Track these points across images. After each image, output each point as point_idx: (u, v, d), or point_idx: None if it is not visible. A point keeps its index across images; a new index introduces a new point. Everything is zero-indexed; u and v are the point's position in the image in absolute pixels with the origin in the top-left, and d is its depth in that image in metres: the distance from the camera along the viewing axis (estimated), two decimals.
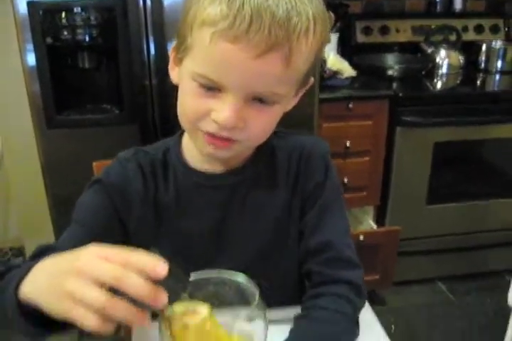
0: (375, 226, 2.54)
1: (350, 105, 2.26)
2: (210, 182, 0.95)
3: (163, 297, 0.57)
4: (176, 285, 0.59)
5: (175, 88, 0.88)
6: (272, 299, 0.66)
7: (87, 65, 2.00)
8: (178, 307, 0.61)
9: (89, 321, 0.57)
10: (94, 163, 1.31)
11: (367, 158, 2.40)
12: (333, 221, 0.97)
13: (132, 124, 2.00)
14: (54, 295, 0.61)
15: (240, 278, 0.66)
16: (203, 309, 0.61)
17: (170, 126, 1.82)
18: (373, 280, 1.91)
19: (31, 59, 1.86)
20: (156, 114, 2.01)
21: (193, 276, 0.63)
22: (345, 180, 2.34)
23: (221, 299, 0.65)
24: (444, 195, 2.54)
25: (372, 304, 1.01)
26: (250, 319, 0.62)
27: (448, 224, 2.56)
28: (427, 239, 2.55)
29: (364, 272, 0.97)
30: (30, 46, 1.84)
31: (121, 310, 0.57)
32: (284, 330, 0.87)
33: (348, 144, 2.31)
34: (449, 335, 0.95)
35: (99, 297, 0.57)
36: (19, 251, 2.69)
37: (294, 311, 0.93)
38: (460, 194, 2.56)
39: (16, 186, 2.50)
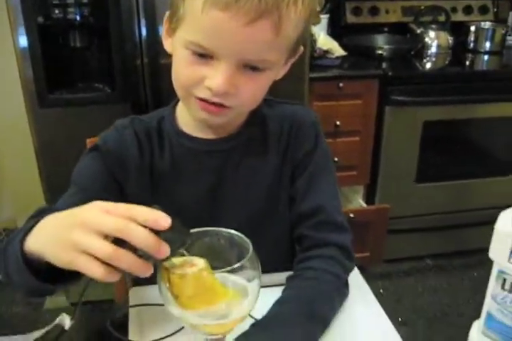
0: (364, 205, 2.57)
1: (341, 84, 2.28)
2: (204, 147, 0.98)
3: (166, 248, 0.60)
4: (177, 238, 0.61)
5: (167, 67, 0.91)
6: (264, 265, 0.68)
7: (78, 44, 2.00)
8: (176, 260, 0.63)
9: (94, 271, 0.60)
10: (87, 140, 1.32)
11: (357, 138, 2.42)
12: (323, 186, 1.00)
13: (124, 103, 2.01)
14: (59, 246, 0.63)
15: (234, 232, 0.69)
16: (199, 261, 0.64)
17: (162, 105, 1.83)
18: (364, 257, 1.95)
19: (22, 38, 1.86)
20: (148, 93, 2.02)
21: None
22: (336, 159, 2.36)
23: (215, 250, 0.67)
24: (433, 173, 2.57)
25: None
26: (243, 270, 0.64)
27: (437, 202, 2.59)
28: (416, 217, 2.59)
29: (355, 249, 1.00)
30: (21, 25, 1.84)
31: (126, 260, 0.59)
32: (277, 293, 0.90)
33: (338, 123, 2.34)
34: (435, 298, 0.99)
35: (104, 247, 0.59)
36: (13, 232, 2.69)
37: (286, 275, 0.96)
38: (449, 173, 2.59)
39: (10, 166, 2.51)
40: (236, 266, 0.63)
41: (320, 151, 1.01)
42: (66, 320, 0.92)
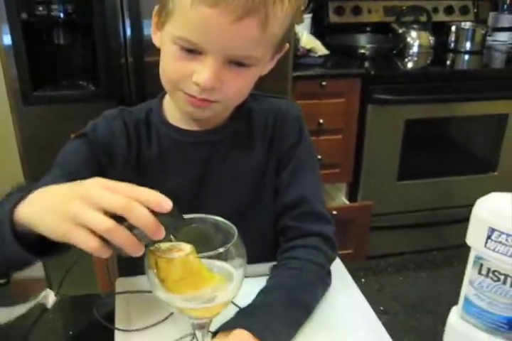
0: (347, 203, 2.59)
1: (324, 83, 2.30)
2: (190, 139, 0.99)
3: (163, 231, 0.61)
4: (172, 223, 0.62)
5: (151, 65, 0.92)
6: (249, 257, 0.70)
7: (62, 41, 2.00)
8: (164, 245, 0.65)
9: (89, 244, 0.60)
10: (72, 136, 1.33)
11: (339, 136, 2.45)
12: (306, 178, 1.02)
13: (109, 101, 2.01)
14: (55, 217, 0.63)
15: (220, 218, 0.70)
16: (186, 246, 0.65)
17: None
18: (347, 254, 1.96)
19: (6, 35, 1.86)
20: (132, 90, 2.03)
21: None
22: (319, 157, 2.38)
23: (201, 236, 0.69)
24: (415, 171, 2.60)
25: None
26: (229, 256, 0.65)
27: (418, 199, 2.63)
28: (398, 214, 2.62)
29: (338, 246, 1.02)
30: (4, 22, 1.84)
31: (122, 237, 0.60)
32: (261, 282, 0.92)
33: (321, 121, 2.36)
34: (415, 287, 1.01)
35: (104, 221, 0.59)
36: None
37: (270, 266, 0.98)
38: (430, 170, 2.64)
39: None
40: (221, 249, 0.64)
41: (304, 144, 1.03)
42: (50, 296, 0.92)
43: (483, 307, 0.78)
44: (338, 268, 1.03)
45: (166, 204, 0.61)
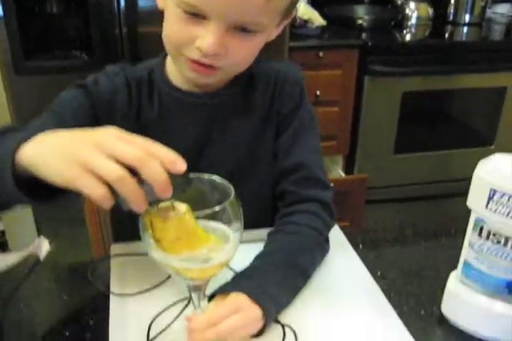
0: (343, 176, 2.58)
1: (321, 54, 2.27)
2: (191, 100, 0.97)
3: (171, 190, 0.59)
4: (180, 184, 0.60)
5: (145, 35, 0.89)
6: (245, 222, 0.68)
7: (55, 10, 1.96)
8: (160, 204, 0.63)
9: (96, 191, 0.57)
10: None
11: (336, 108, 2.43)
12: (306, 143, 1.01)
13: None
14: (64, 161, 0.60)
15: (216, 176, 0.69)
16: (181, 206, 0.64)
17: None
18: (343, 226, 1.96)
19: None
20: (126, 60, 1.99)
21: None
22: None
23: (197, 195, 0.67)
24: (412, 144, 2.59)
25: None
26: (225, 216, 0.64)
27: (415, 173, 2.62)
28: (395, 187, 2.62)
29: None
30: None
31: (131, 188, 0.57)
32: (258, 248, 0.91)
33: (318, 93, 2.34)
34: (414, 254, 1.01)
35: (116, 170, 0.57)
36: None
37: (268, 231, 0.97)
38: (427, 144, 2.62)
39: None
40: (217, 208, 0.63)
41: (305, 109, 1.02)
42: (44, 245, 0.91)
43: (483, 270, 0.77)
44: (336, 235, 1.02)
45: (180, 164, 0.59)
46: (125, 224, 0.77)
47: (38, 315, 0.88)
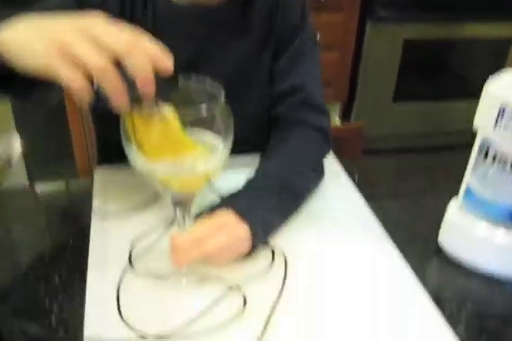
0: (339, 123, 2.54)
1: None
2: (188, 13, 0.91)
3: (153, 89, 0.54)
4: (166, 87, 0.57)
5: None
6: (236, 144, 0.63)
7: None
8: (143, 106, 0.58)
9: (76, 81, 0.52)
10: None
11: (337, 53, 2.36)
12: (306, 67, 0.96)
13: None
14: (45, 46, 0.54)
15: (207, 78, 0.64)
16: (167, 108, 0.58)
17: None
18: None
19: None
20: None
21: None
22: None
23: (184, 95, 0.62)
24: (411, 93, 2.53)
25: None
26: (213, 122, 0.59)
27: (413, 123, 2.57)
28: (393, 137, 2.57)
29: None
30: None
31: (114, 81, 0.52)
32: (248, 174, 0.86)
33: (318, 37, 2.26)
34: (412, 182, 0.97)
35: (100, 59, 0.52)
36: None
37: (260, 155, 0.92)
38: (427, 93, 2.56)
39: None
40: (204, 106, 0.58)
41: (306, 29, 0.96)
42: (15, 142, 0.86)
43: (485, 196, 0.72)
44: (332, 164, 0.98)
45: (168, 62, 0.54)
46: (111, 149, 0.73)
47: (16, 236, 0.84)
